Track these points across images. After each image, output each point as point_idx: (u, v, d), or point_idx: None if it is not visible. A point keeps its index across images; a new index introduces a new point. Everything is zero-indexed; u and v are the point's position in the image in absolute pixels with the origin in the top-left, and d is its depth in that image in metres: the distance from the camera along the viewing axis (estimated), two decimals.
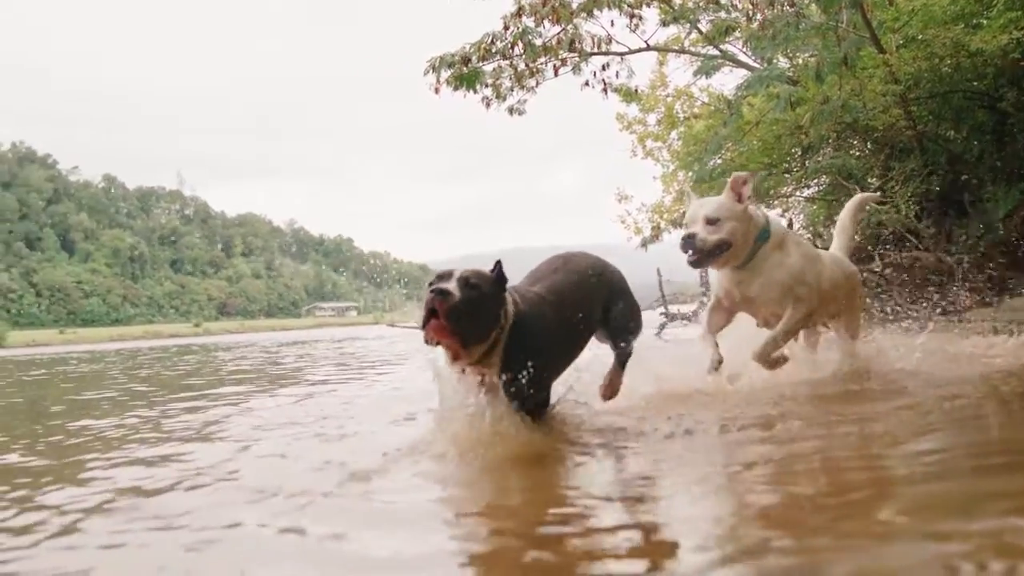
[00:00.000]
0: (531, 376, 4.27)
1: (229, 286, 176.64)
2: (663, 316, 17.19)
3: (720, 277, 5.79)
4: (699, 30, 16.00)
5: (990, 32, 10.77)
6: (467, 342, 4.14)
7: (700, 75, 15.93)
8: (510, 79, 14.93)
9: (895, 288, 9.79)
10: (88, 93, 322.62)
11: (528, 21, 14.09)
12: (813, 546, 2.52)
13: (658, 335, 15.14)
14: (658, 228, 21.51)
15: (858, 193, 10.00)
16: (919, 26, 11.76)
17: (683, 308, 17.03)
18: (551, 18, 13.96)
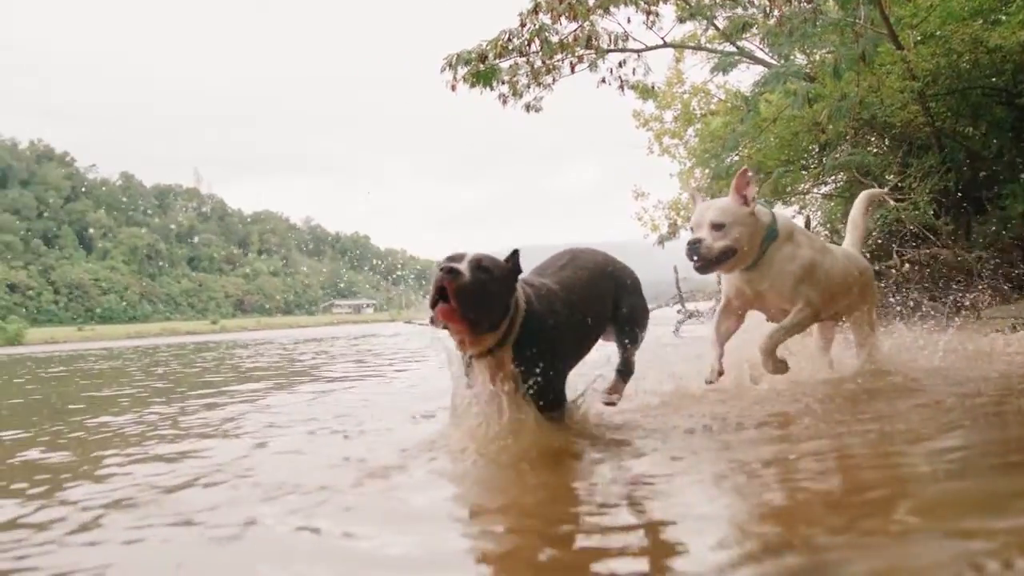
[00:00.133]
0: (544, 371, 4.23)
1: (246, 283, 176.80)
2: (680, 313, 17.14)
3: (730, 276, 5.73)
4: (716, 27, 15.98)
5: (1009, 28, 10.74)
6: (476, 327, 4.05)
7: (717, 72, 15.94)
8: (527, 76, 14.91)
9: (913, 285, 9.75)
10: (106, 91, 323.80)
11: (545, 18, 14.06)
12: (834, 544, 2.51)
13: (675, 332, 15.12)
14: (675, 225, 21.49)
15: (878, 189, 9.97)
16: (937, 22, 11.72)
17: (700, 306, 16.96)
18: (568, 15, 13.92)
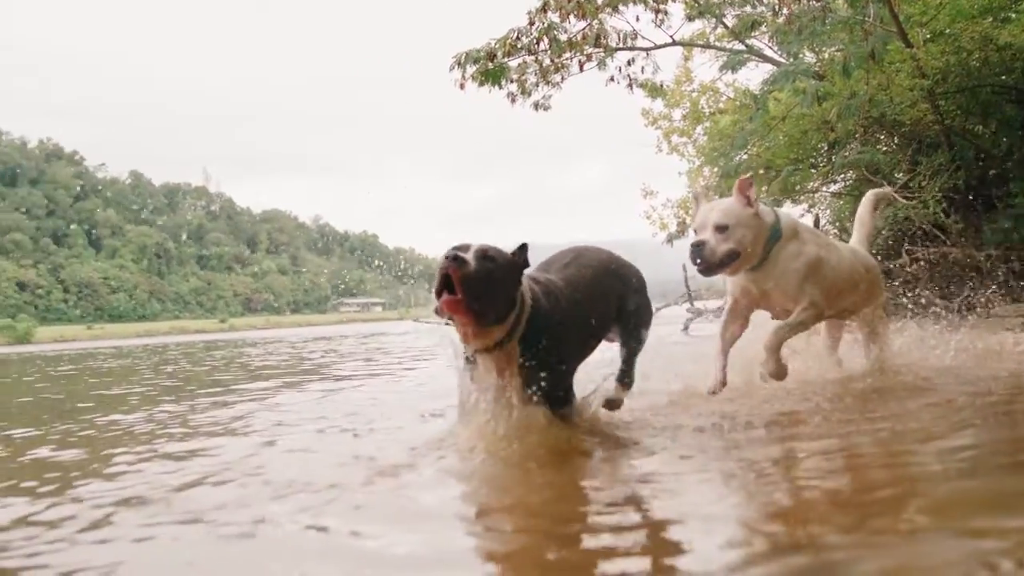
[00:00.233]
0: (552, 367, 4.19)
1: (255, 282, 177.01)
2: (689, 312, 17.15)
3: (736, 277, 5.64)
4: (725, 25, 15.96)
5: (1019, 26, 10.70)
6: (482, 318, 3.97)
7: (726, 70, 15.93)
8: (535, 75, 14.91)
9: (923, 284, 9.73)
10: (114, 91, 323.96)
11: (553, 16, 14.05)
12: (844, 543, 2.51)
13: (684, 330, 15.13)
14: (683, 224, 21.44)
15: (885, 188, 9.95)
16: (947, 20, 11.69)
17: (709, 304, 16.96)
18: (576, 13, 13.91)
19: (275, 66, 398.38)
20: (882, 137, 13.45)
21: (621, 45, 15.09)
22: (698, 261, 5.27)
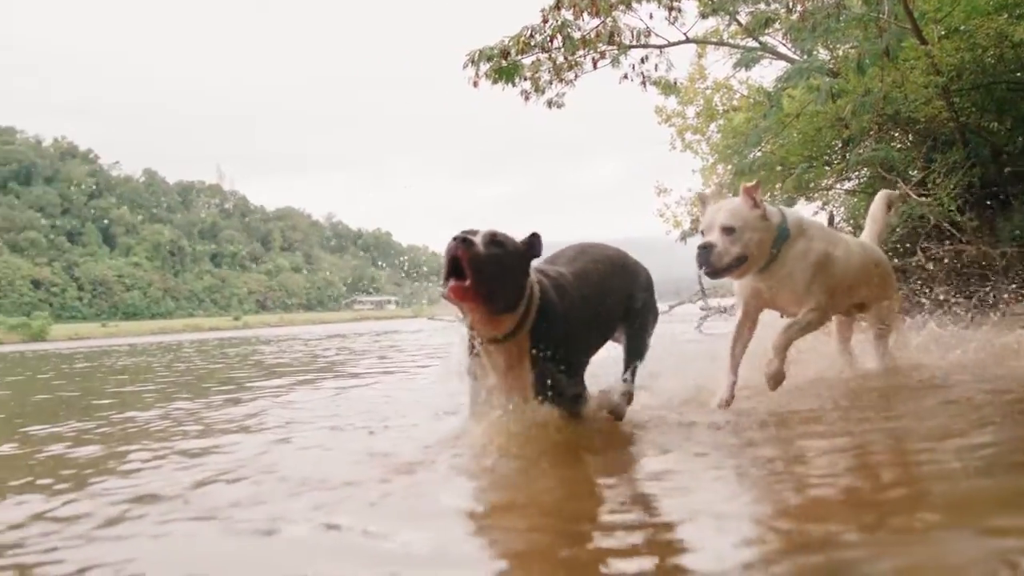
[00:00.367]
0: (564, 361, 4.11)
1: (268, 280, 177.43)
2: (703, 310, 17.10)
3: (745, 280, 5.56)
4: (738, 22, 15.90)
5: None
6: (492, 302, 3.85)
7: (739, 67, 15.84)
8: (549, 72, 14.89)
9: (938, 282, 9.70)
10: (128, 90, 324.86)
11: (567, 14, 14.04)
12: (861, 541, 2.49)
13: (698, 329, 15.09)
14: (697, 221, 21.39)
15: (900, 185, 9.91)
16: (962, 17, 11.63)
17: (723, 302, 16.91)
18: (590, 11, 13.89)
19: (288, 66, 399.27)
20: (896, 134, 13.40)
21: (634, 42, 15.05)
22: (705, 266, 5.21)
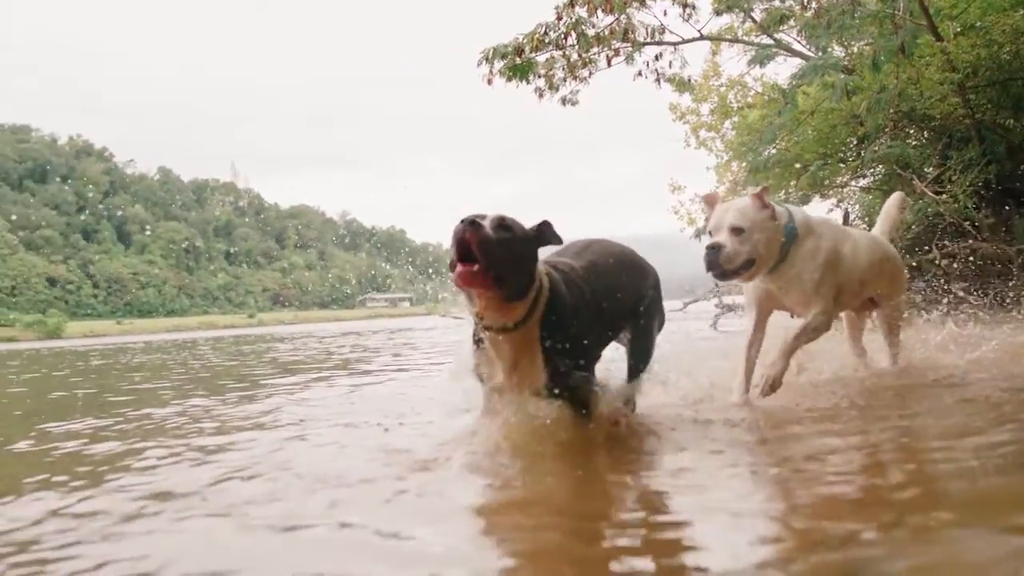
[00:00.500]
0: (574, 355, 3.98)
1: (283, 277, 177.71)
2: (718, 308, 17.07)
3: (754, 283, 5.51)
4: (753, 19, 15.89)
5: None
6: (504, 289, 3.69)
7: (754, 64, 15.82)
8: (563, 70, 14.90)
9: (954, 278, 9.67)
10: (143, 88, 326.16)
11: (581, 11, 14.05)
12: (880, 540, 2.49)
13: (713, 326, 15.07)
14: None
15: (915, 182, 9.87)
16: (978, 13, 11.61)
17: (738, 299, 16.86)
18: (604, 8, 13.91)
19: (304, 64, 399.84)
20: (912, 131, 13.38)
21: (649, 40, 15.05)
22: (714, 268, 5.13)
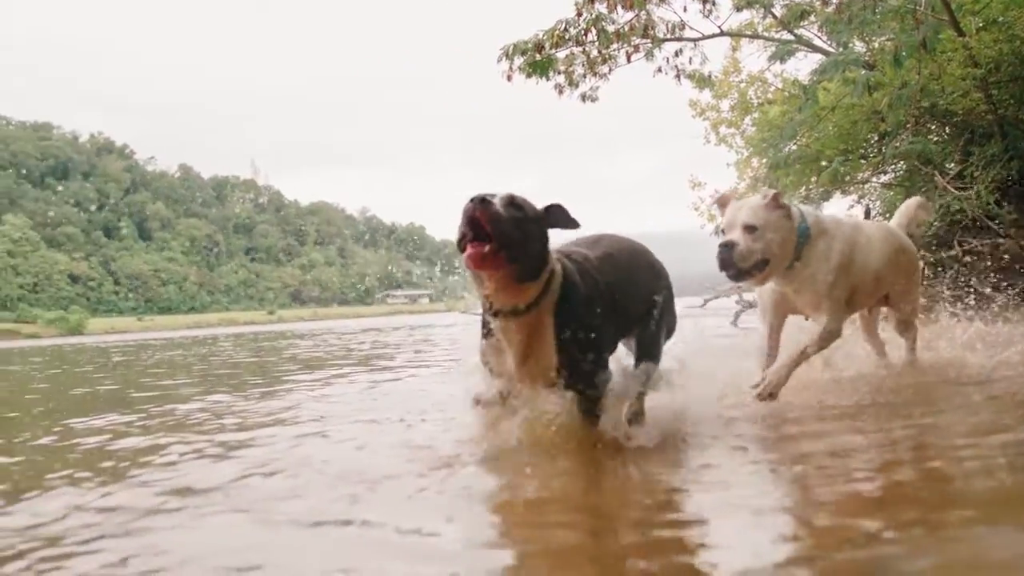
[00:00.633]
0: (586, 347, 3.84)
1: (303, 274, 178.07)
2: (738, 304, 17.06)
3: (768, 288, 5.44)
4: (773, 15, 15.82)
5: None
6: (515, 268, 3.57)
7: (774, 60, 15.73)
8: (583, 66, 14.87)
9: (976, 275, 9.61)
10: (163, 86, 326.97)
11: (601, 7, 14.01)
12: (905, 538, 2.48)
13: (734, 323, 15.07)
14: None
15: (937, 178, 9.82)
16: (1000, 8, 11.53)
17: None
18: (624, 4, 13.86)
19: (323, 61, 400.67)
20: (933, 127, 13.32)
21: (669, 36, 15.01)
22: (727, 267, 5.02)
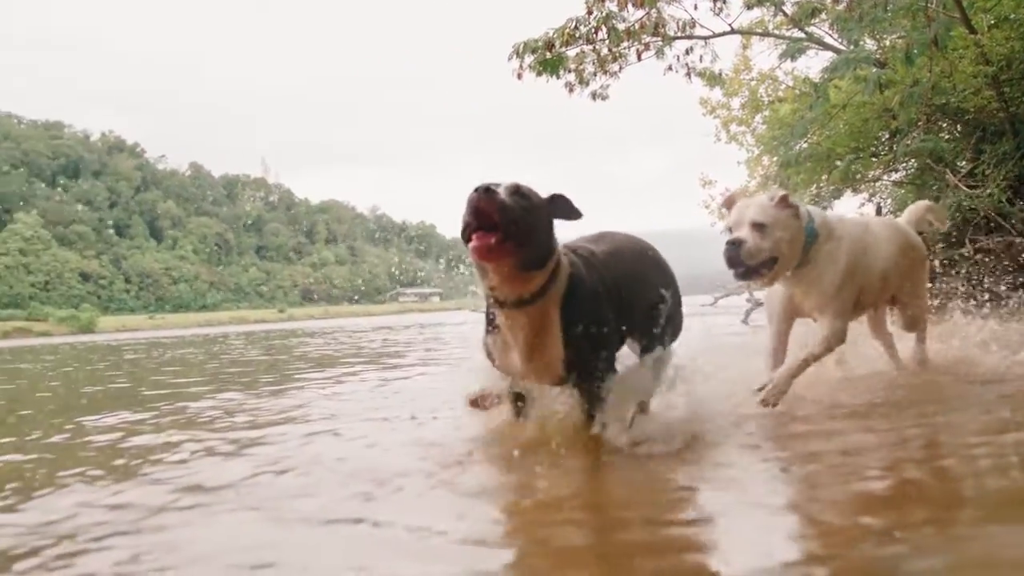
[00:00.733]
0: (594, 340, 3.80)
1: (313, 272, 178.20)
2: (748, 302, 17.06)
3: (774, 290, 5.38)
4: (784, 12, 15.80)
5: None
6: (522, 257, 3.51)
7: (785, 58, 15.70)
8: (593, 64, 14.86)
9: (987, 273, 9.59)
10: (174, 84, 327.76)
11: (611, 5, 14.02)
12: (917, 536, 2.48)
13: (744, 321, 15.07)
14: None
15: (949, 176, 9.80)
16: (1011, 5, 11.50)
17: None
18: (635, 2, 13.87)
19: (333, 60, 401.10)
20: (945, 125, 13.28)
21: (679, 34, 15.00)
22: (735, 265, 4.93)
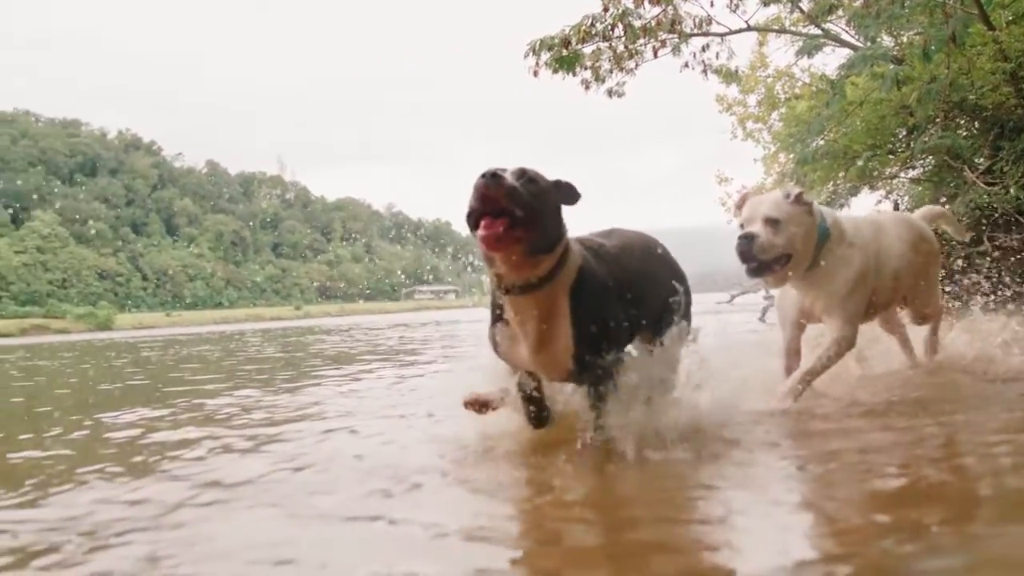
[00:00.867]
0: (604, 331, 3.72)
1: (329, 270, 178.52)
2: (766, 300, 17.04)
3: (786, 293, 5.33)
4: (800, 9, 15.76)
5: None
6: (531, 242, 3.41)
7: (802, 55, 15.65)
8: (609, 61, 14.84)
9: (1007, 271, 9.55)
10: (191, 82, 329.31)
11: (628, 2, 13.99)
12: (936, 535, 2.47)
13: (761, 319, 15.06)
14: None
15: (966, 173, 9.76)
16: None
17: None
18: None
19: (349, 58, 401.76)
20: (963, 122, 13.22)
21: (696, 31, 14.97)
22: (748, 260, 4.88)
